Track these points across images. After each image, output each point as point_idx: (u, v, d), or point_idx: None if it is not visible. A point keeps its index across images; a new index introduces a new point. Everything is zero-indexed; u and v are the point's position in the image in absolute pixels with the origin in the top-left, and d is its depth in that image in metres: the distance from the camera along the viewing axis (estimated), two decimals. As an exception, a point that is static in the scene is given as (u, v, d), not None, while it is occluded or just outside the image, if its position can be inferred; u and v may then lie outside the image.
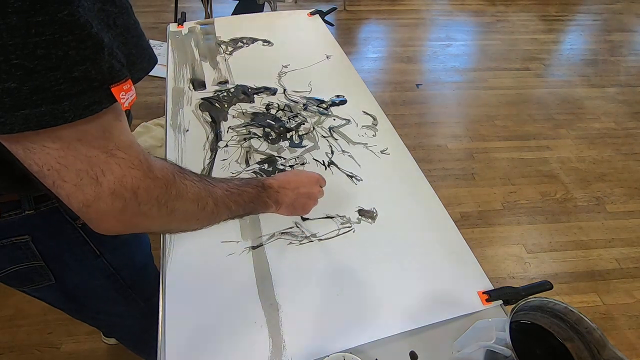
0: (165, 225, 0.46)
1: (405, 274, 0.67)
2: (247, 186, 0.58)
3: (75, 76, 0.31)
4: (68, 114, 0.32)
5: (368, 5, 3.50)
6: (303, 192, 0.66)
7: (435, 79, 2.64)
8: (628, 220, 1.77)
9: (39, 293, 0.70)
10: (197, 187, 0.47)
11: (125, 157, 0.37)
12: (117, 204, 0.38)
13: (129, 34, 0.38)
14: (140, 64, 0.40)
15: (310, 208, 0.69)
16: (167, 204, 0.43)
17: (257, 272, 0.67)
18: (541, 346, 0.53)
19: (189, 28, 1.34)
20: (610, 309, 1.46)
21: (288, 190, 0.64)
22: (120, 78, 0.35)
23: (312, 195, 0.67)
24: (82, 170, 0.35)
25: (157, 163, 0.42)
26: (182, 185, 0.45)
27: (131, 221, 0.41)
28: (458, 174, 1.95)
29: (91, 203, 0.37)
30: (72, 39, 0.30)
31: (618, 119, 2.34)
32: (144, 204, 0.40)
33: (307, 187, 0.66)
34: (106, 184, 0.36)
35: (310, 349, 0.57)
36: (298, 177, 0.66)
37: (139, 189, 0.39)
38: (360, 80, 1.12)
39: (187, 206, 0.46)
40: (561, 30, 3.29)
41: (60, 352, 1.28)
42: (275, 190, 0.62)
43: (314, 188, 0.67)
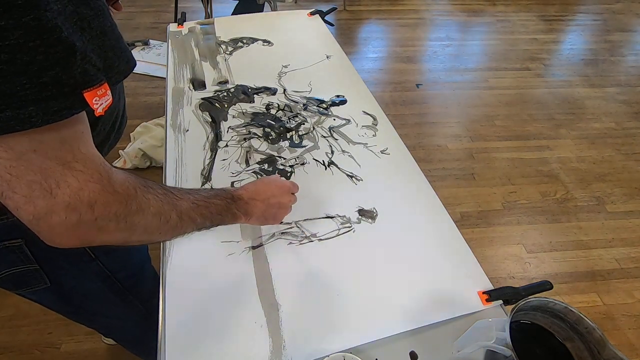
0: (125, 239, 0.45)
1: (405, 274, 0.67)
2: (216, 198, 0.56)
3: (43, 81, 0.31)
4: (35, 118, 0.31)
5: (368, 5, 3.50)
6: (273, 203, 0.64)
7: (435, 79, 2.64)
8: (628, 220, 1.77)
9: (35, 296, 0.69)
10: (160, 201, 0.46)
11: (83, 169, 0.36)
12: (71, 217, 0.37)
13: (106, 36, 0.37)
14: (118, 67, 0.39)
15: (282, 217, 0.68)
16: (127, 219, 0.42)
17: (257, 272, 0.67)
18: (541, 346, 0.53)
19: (189, 28, 1.34)
20: (610, 309, 1.46)
21: (258, 202, 0.62)
22: (94, 83, 0.34)
23: (282, 204, 0.66)
24: (34, 182, 0.34)
25: (118, 177, 0.41)
26: (143, 200, 0.43)
27: (86, 235, 0.40)
28: (458, 174, 1.95)
29: (42, 216, 0.35)
30: (39, 44, 0.30)
31: (618, 119, 2.34)
32: (101, 218, 0.39)
33: (278, 197, 0.65)
34: (61, 197, 0.35)
35: (310, 349, 0.57)
36: (268, 187, 0.65)
37: (96, 203, 0.38)
38: (360, 80, 1.12)
39: (148, 220, 0.44)
40: (561, 30, 3.29)
41: (60, 352, 1.28)
42: (244, 201, 0.61)
43: (284, 197, 0.66)
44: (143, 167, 1.90)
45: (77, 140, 0.36)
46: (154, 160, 1.90)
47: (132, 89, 2.40)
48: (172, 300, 0.63)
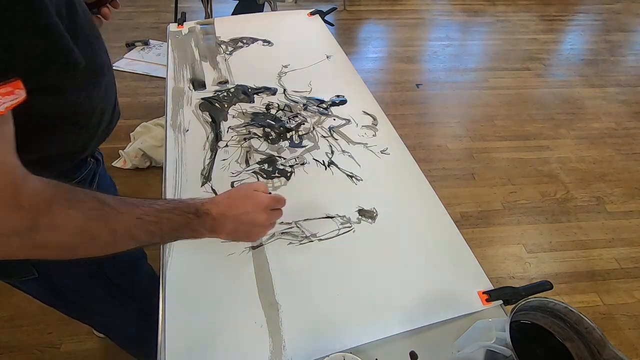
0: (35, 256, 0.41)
1: (405, 274, 0.67)
2: (172, 213, 0.52)
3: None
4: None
5: (368, 5, 3.50)
6: (245, 220, 0.58)
7: (435, 79, 2.64)
8: (628, 220, 1.77)
9: (25, 287, 0.69)
10: (85, 218, 0.42)
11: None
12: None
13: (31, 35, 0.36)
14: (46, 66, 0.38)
15: (257, 236, 0.63)
16: (34, 236, 0.38)
17: (257, 272, 0.67)
18: (541, 346, 0.53)
19: (189, 28, 1.34)
20: (610, 309, 1.46)
21: (228, 219, 0.57)
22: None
23: (256, 223, 0.59)
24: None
25: (30, 189, 0.38)
26: (59, 216, 0.40)
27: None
28: (458, 174, 1.95)
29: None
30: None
31: (618, 119, 2.35)
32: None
33: (252, 215, 0.59)
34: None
35: (310, 349, 0.57)
36: (243, 202, 0.59)
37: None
38: (360, 80, 1.12)
39: (64, 239, 0.41)
40: (561, 30, 3.29)
41: (60, 352, 1.28)
42: (212, 217, 0.56)
43: (259, 215, 0.59)
44: (143, 167, 1.90)
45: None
46: (154, 160, 1.90)
47: (132, 89, 2.40)
48: (172, 300, 0.63)
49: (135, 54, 2.68)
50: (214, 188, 0.80)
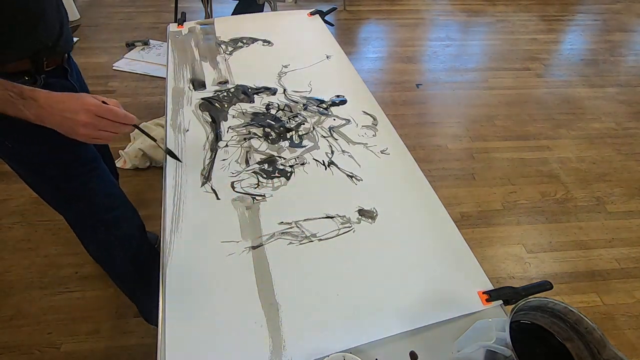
0: None
1: (405, 273, 0.67)
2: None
3: None
4: None
5: (368, 5, 3.50)
6: (68, 117, 0.64)
7: (435, 79, 2.64)
8: (628, 220, 1.77)
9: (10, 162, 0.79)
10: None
11: None
12: None
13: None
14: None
15: (83, 136, 0.67)
16: None
17: (257, 272, 0.67)
18: (541, 346, 0.53)
19: (189, 28, 1.34)
20: (610, 309, 1.46)
21: (55, 110, 0.64)
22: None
23: (76, 122, 0.65)
24: None
25: None
26: None
27: None
28: (458, 174, 1.95)
29: None
30: None
31: (618, 119, 2.34)
32: None
33: (73, 114, 0.64)
34: None
35: (310, 349, 0.57)
36: (70, 99, 0.65)
37: None
38: (360, 80, 1.12)
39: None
40: (561, 30, 3.29)
41: (60, 352, 1.28)
42: (39, 104, 0.62)
43: (79, 115, 0.64)
44: (143, 167, 1.90)
45: None
46: (154, 160, 1.90)
47: (132, 89, 2.40)
48: (172, 300, 0.63)
49: (135, 54, 2.68)
50: (214, 188, 0.80)
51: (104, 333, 1.33)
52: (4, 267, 1.47)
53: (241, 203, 0.77)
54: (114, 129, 0.69)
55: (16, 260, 1.48)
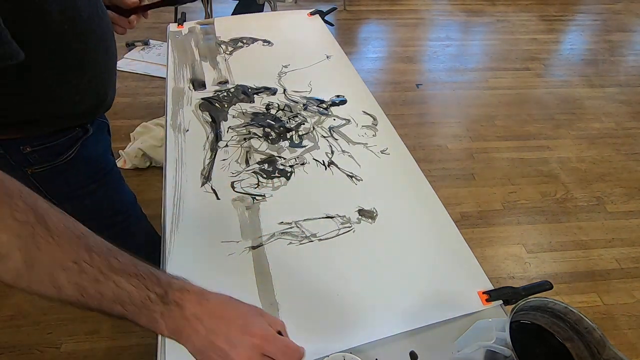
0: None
1: (405, 274, 0.67)
2: (130, 279, 0.37)
3: None
4: None
5: (368, 5, 3.50)
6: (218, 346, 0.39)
7: (435, 79, 2.64)
8: (628, 220, 1.77)
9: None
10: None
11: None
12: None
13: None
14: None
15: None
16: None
17: (257, 272, 0.67)
18: (541, 346, 0.53)
19: (189, 28, 1.34)
20: (610, 309, 1.46)
21: (202, 329, 0.40)
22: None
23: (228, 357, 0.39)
24: None
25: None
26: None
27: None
28: (458, 174, 1.96)
29: None
30: None
31: (618, 119, 2.35)
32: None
33: (229, 344, 0.40)
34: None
35: (310, 349, 0.57)
36: (235, 322, 0.41)
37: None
38: (360, 80, 1.12)
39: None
40: (561, 30, 3.29)
41: (60, 352, 1.28)
42: (183, 315, 0.39)
43: (237, 350, 0.39)
44: (143, 167, 1.90)
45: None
46: (154, 160, 1.90)
47: (132, 89, 2.40)
48: (172, 300, 0.63)
49: (135, 54, 2.68)
50: (214, 188, 0.80)
51: (104, 333, 1.33)
52: (4, 267, 1.46)
53: (241, 203, 0.77)
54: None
55: (16, 260, 1.47)
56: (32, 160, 0.63)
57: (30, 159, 0.63)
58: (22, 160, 0.62)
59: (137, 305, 0.37)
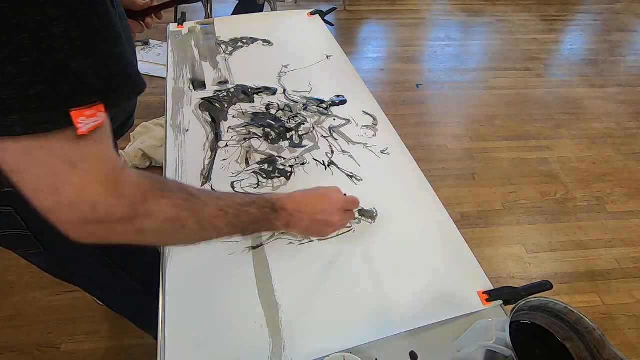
0: (136, 241, 0.45)
1: (405, 274, 0.67)
2: (251, 206, 0.54)
3: (29, 94, 0.32)
4: (16, 127, 0.33)
5: (368, 5, 3.50)
6: (320, 220, 0.60)
7: (435, 79, 2.64)
8: (628, 220, 1.77)
9: (31, 258, 0.71)
10: (174, 208, 0.45)
11: (88, 169, 0.37)
12: (75, 216, 0.38)
13: (112, 62, 0.38)
14: (120, 92, 0.40)
15: (329, 233, 0.64)
16: (133, 223, 0.42)
17: (257, 272, 0.67)
18: (541, 346, 0.53)
19: (189, 28, 1.34)
20: (610, 309, 1.46)
21: (303, 215, 0.59)
22: (84, 103, 0.35)
23: (330, 222, 0.61)
24: (40, 177, 0.35)
25: (129, 179, 0.41)
26: (154, 205, 0.43)
27: (95, 234, 0.40)
28: (458, 174, 1.95)
29: (50, 211, 0.37)
30: (29, 60, 0.31)
31: (618, 119, 2.34)
32: (105, 220, 0.40)
33: (327, 215, 0.60)
34: (65, 195, 0.36)
35: (310, 349, 0.57)
36: (319, 200, 0.61)
37: (98, 205, 0.38)
38: (360, 80, 1.12)
39: (158, 225, 0.44)
40: (561, 30, 3.29)
41: (60, 352, 1.28)
42: (288, 213, 0.57)
43: (333, 216, 0.61)
44: (143, 167, 1.90)
45: (86, 141, 0.37)
46: (154, 160, 1.90)
47: (132, 89, 2.39)
48: (172, 300, 0.63)
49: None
50: (214, 188, 0.80)
51: (104, 333, 1.33)
52: (4, 267, 1.46)
53: (241, 203, 0.77)
54: (352, 218, 0.67)
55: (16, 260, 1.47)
56: None
57: None
58: None
59: (261, 220, 0.55)
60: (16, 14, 0.30)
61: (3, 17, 0.30)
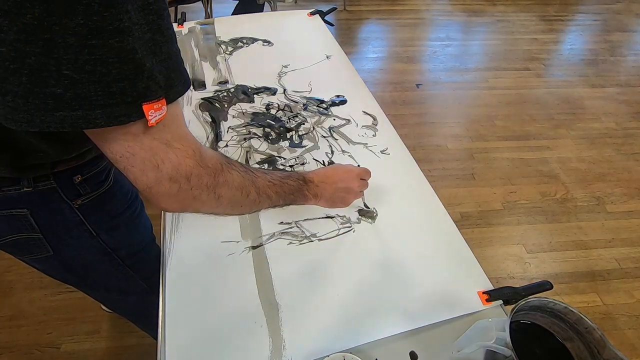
0: (214, 209, 0.52)
1: (405, 274, 0.67)
2: (289, 179, 0.64)
3: (112, 90, 0.36)
4: (99, 120, 0.37)
5: (368, 5, 3.50)
6: (341, 187, 0.70)
7: (435, 79, 2.64)
8: (628, 220, 1.77)
9: (38, 264, 0.72)
10: (242, 177, 0.53)
11: (181, 147, 0.44)
12: (173, 187, 0.44)
13: (171, 60, 0.41)
14: (176, 87, 0.43)
15: (350, 201, 0.74)
16: (215, 190, 0.49)
17: (257, 272, 0.67)
18: (541, 346, 0.53)
19: (189, 28, 1.34)
20: (610, 309, 1.46)
21: (327, 185, 0.69)
22: (153, 97, 0.39)
23: (350, 189, 0.71)
24: (146, 159, 0.42)
25: (208, 153, 0.48)
26: (228, 175, 0.51)
27: (184, 202, 0.47)
28: (458, 174, 1.96)
29: (153, 185, 0.43)
30: (116, 61, 0.35)
31: (618, 119, 2.35)
32: (195, 188, 0.47)
33: (345, 182, 0.70)
34: (165, 170, 0.43)
35: (310, 349, 0.57)
36: (336, 171, 0.71)
37: (192, 176, 0.45)
38: (360, 80, 1.12)
39: (232, 193, 0.52)
40: (561, 30, 3.29)
41: (60, 352, 1.28)
42: (315, 184, 0.68)
43: (352, 182, 0.71)
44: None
45: (174, 123, 0.43)
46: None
47: (132, 89, 2.40)
48: (172, 300, 0.63)
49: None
50: (214, 188, 0.80)
51: (104, 333, 1.33)
52: (4, 267, 1.47)
53: (241, 203, 0.77)
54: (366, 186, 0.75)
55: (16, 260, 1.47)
56: (82, 191, 0.64)
57: (81, 190, 0.63)
58: (72, 191, 0.62)
59: (297, 190, 0.65)
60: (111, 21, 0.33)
61: (101, 22, 0.33)
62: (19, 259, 0.69)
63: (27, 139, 0.49)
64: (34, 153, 0.53)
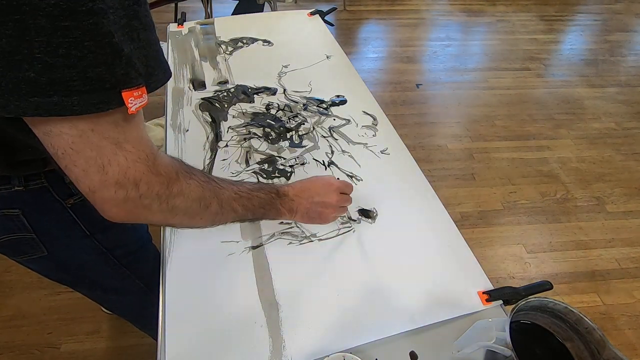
0: (167, 220, 0.49)
1: (405, 274, 0.67)
2: (260, 191, 0.59)
3: (89, 76, 0.34)
4: (77, 107, 0.35)
5: (368, 5, 3.50)
6: (318, 202, 0.65)
7: (435, 79, 2.64)
8: (628, 220, 1.77)
9: (32, 264, 0.71)
10: (201, 188, 0.50)
11: (132, 150, 0.41)
12: (119, 193, 0.41)
13: (150, 48, 0.40)
14: (157, 75, 0.42)
15: (329, 217, 0.68)
16: (168, 200, 0.46)
17: (257, 272, 0.67)
18: (541, 346, 0.53)
19: (189, 28, 1.34)
20: (610, 309, 1.46)
21: (302, 199, 0.65)
22: (132, 84, 0.37)
23: (327, 204, 0.66)
24: (91, 158, 0.38)
25: (163, 160, 0.45)
26: (185, 185, 0.47)
27: (133, 212, 0.44)
28: (458, 174, 1.96)
29: (96, 189, 0.40)
30: (92, 44, 0.33)
31: (618, 119, 2.34)
32: (145, 197, 0.43)
33: (322, 196, 0.66)
34: (111, 174, 0.40)
35: (310, 349, 0.57)
36: (314, 184, 0.66)
37: (141, 182, 0.42)
38: (360, 80, 1.12)
39: (188, 204, 0.48)
40: (561, 30, 3.29)
41: (60, 352, 1.28)
42: (290, 198, 0.64)
43: (330, 197, 0.66)
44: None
45: (129, 123, 0.40)
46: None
47: (132, 89, 2.39)
48: (172, 300, 0.63)
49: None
50: (214, 188, 0.80)
51: (104, 333, 1.33)
52: (4, 267, 1.47)
53: (241, 203, 0.77)
54: (349, 201, 0.71)
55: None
56: (74, 190, 0.63)
57: (72, 189, 0.62)
58: (64, 190, 0.62)
59: (268, 204, 0.61)
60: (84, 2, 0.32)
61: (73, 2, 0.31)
62: (14, 260, 0.69)
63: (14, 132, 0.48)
64: (24, 148, 0.52)
